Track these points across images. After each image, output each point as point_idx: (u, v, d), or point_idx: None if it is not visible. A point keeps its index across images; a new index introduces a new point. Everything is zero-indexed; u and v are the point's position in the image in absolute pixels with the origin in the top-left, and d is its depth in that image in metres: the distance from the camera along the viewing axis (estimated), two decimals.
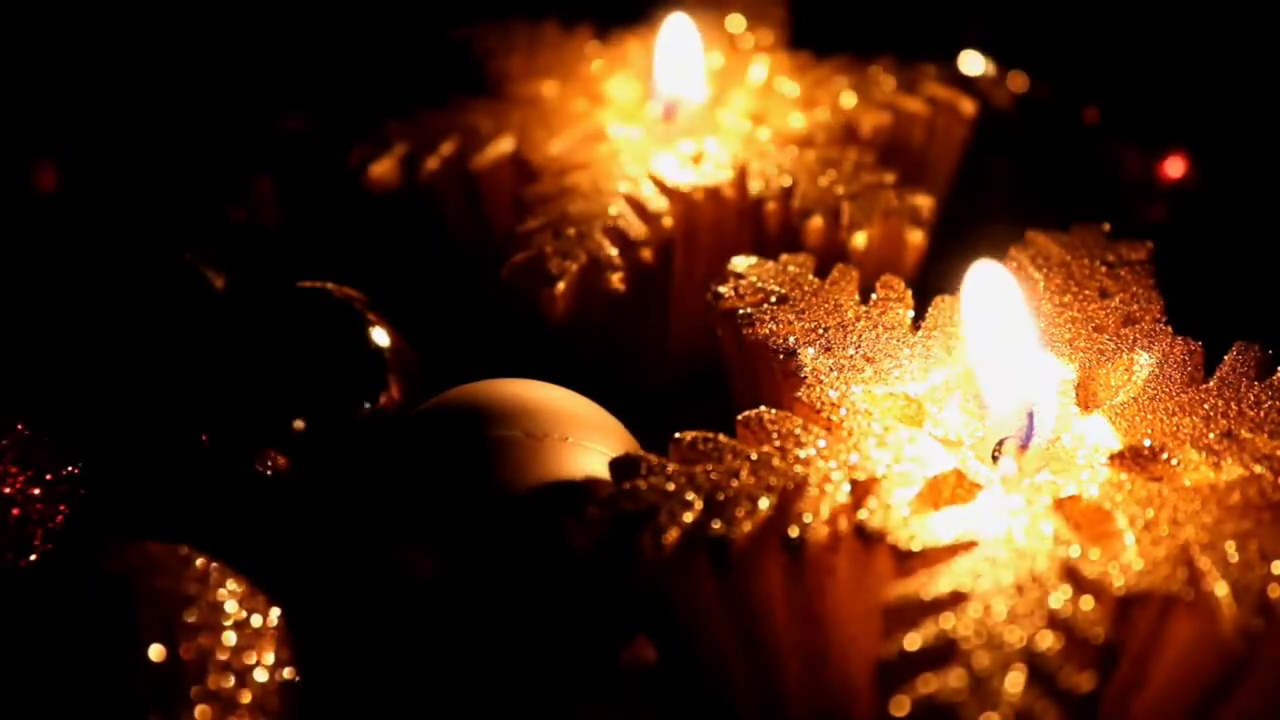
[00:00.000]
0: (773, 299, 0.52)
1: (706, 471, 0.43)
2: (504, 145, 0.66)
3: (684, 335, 0.65)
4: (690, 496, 0.42)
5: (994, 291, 0.49)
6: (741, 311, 0.51)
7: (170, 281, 0.68)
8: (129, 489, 0.56)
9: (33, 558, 0.51)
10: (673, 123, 0.68)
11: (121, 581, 0.43)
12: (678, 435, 0.45)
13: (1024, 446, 0.46)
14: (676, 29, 0.70)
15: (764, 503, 0.42)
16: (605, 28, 0.75)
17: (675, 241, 0.62)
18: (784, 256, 0.54)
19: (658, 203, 0.61)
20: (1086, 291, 0.53)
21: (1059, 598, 0.39)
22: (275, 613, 0.45)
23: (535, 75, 0.71)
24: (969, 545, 0.41)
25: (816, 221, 0.60)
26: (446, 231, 0.69)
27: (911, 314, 0.52)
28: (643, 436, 0.53)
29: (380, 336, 0.55)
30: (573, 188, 0.62)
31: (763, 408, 0.46)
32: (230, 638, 0.43)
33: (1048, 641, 0.38)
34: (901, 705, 0.37)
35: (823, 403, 0.47)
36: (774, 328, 0.50)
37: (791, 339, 0.50)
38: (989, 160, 0.77)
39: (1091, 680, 0.37)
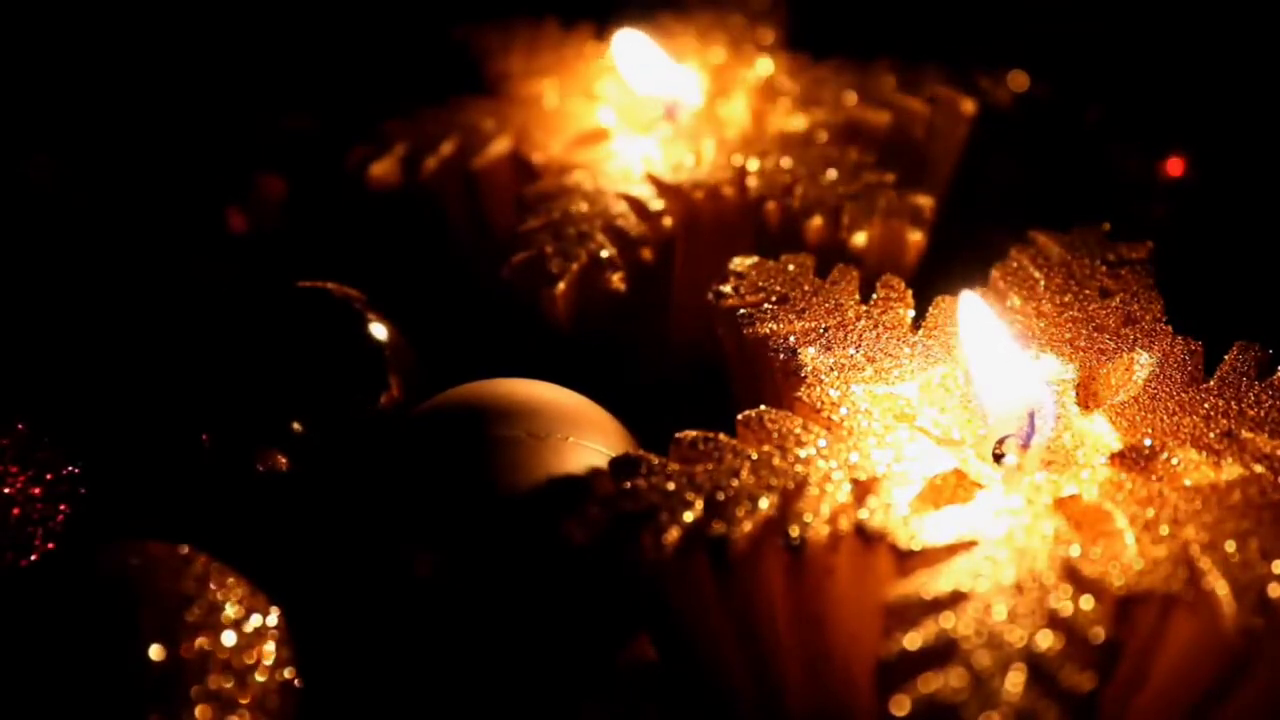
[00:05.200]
0: (773, 299, 0.52)
1: (706, 471, 0.43)
2: (504, 145, 0.66)
3: (684, 335, 0.65)
4: (690, 496, 0.42)
5: (985, 327, 0.49)
6: (742, 311, 0.51)
7: (170, 281, 0.68)
8: (129, 489, 0.56)
9: (33, 558, 0.51)
10: (673, 122, 0.68)
11: (121, 581, 0.43)
12: (678, 435, 0.45)
13: (1025, 446, 0.46)
14: (626, 45, 0.70)
15: (764, 503, 0.42)
16: (605, 28, 0.75)
17: (676, 241, 0.62)
18: (784, 256, 0.54)
19: (658, 202, 0.61)
20: (1087, 291, 0.53)
21: (1059, 597, 0.39)
22: (275, 613, 0.45)
23: (535, 75, 0.71)
24: (969, 545, 0.41)
25: (816, 221, 0.60)
26: (446, 231, 0.69)
27: (911, 314, 0.52)
28: (643, 436, 0.53)
29: (380, 335, 0.55)
30: (573, 187, 0.62)
31: (763, 407, 0.46)
32: (230, 638, 0.43)
33: (1048, 641, 0.38)
34: (901, 705, 0.37)
35: (823, 402, 0.47)
36: (774, 327, 0.50)
37: (791, 339, 0.50)
38: (989, 160, 0.77)
39: (1091, 680, 0.37)
